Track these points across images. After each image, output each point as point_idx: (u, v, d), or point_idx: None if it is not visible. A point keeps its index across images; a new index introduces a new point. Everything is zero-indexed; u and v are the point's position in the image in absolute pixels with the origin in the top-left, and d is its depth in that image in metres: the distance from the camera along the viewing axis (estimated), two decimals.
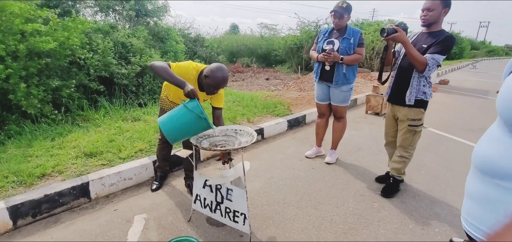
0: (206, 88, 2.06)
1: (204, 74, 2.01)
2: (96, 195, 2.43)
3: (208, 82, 2.00)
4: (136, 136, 3.52)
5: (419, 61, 2.05)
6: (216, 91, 2.06)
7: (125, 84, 5.28)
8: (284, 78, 13.08)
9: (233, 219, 1.92)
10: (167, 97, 2.36)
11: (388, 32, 2.07)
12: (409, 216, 2.24)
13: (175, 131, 1.79)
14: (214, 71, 1.98)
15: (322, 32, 3.02)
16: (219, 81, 1.99)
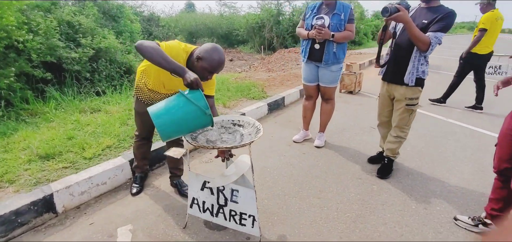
0: (198, 72, 1.70)
1: (197, 56, 1.69)
2: (63, 208, 2.01)
3: (202, 65, 1.69)
4: (99, 130, 3.05)
5: (422, 41, 1.98)
6: (210, 76, 1.76)
7: (77, 70, 4.57)
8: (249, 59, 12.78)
9: (239, 222, 1.71)
10: (146, 85, 1.97)
11: (391, 11, 1.96)
12: (408, 196, 2.25)
13: (172, 126, 1.47)
14: (210, 53, 1.67)
15: (310, 8, 2.83)
16: (215, 65, 1.69)
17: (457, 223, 1.94)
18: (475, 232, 1.86)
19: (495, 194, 1.77)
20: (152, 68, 1.88)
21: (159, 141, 2.81)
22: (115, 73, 5.21)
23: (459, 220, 1.94)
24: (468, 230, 1.89)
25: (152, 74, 1.91)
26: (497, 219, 1.77)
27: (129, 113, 3.56)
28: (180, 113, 1.47)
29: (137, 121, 2.19)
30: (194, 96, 1.48)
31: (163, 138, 1.50)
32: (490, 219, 1.81)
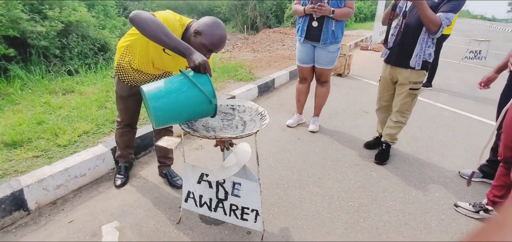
0: (196, 49, 1.45)
1: (196, 30, 1.46)
2: (37, 205, 1.77)
3: (201, 42, 1.45)
4: (74, 114, 2.76)
5: (433, 22, 1.88)
6: (208, 55, 1.52)
7: (44, 46, 4.10)
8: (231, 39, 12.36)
9: (241, 217, 1.57)
10: (130, 65, 1.71)
11: None
12: (408, 183, 2.22)
13: (171, 112, 1.26)
14: (212, 27, 1.44)
15: None
16: (216, 42, 1.46)
17: (457, 210, 1.92)
18: (476, 218, 1.86)
19: (499, 181, 1.75)
20: (138, 43, 1.62)
21: (144, 125, 2.57)
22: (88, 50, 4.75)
23: (459, 207, 1.92)
24: (468, 217, 1.88)
25: (137, 51, 1.65)
26: (499, 206, 1.77)
27: (106, 95, 3.24)
28: (182, 98, 1.25)
29: (119, 105, 1.93)
30: (201, 81, 1.27)
31: (156, 124, 1.28)
32: (491, 205, 1.80)
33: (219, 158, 2.37)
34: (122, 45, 1.70)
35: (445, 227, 1.79)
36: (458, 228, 1.79)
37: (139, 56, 1.66)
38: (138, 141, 2.33)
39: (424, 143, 2.86)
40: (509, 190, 1.71)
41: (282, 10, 13.65)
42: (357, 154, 2.60)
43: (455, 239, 1.70)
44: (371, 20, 18.30)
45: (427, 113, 3.66)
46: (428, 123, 3.35)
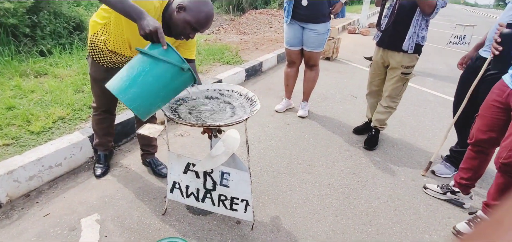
0: (178, 27, 1.33)
1: (179, 5, 1.29)
2: (8, 198, 1.63)
3: (185, 19, 1.29)
4: (48, 98, 2.57)
5: (428, 3, 1.82)
6: (192, 35, 1.37)
7: (12, 24, 3.76)
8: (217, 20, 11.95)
9: (230, 208, 1.51)
10: (105, 45, 1.54)
11: None
12: (396, 168, 2.22)
13: (147, 99, 1.13)
14: (198, 3, 1.29)
15: None
16: (202, 20, 1.31)
17: (426, 192, 1.96)
18: (443, 199, 1.90)
19: (466, 164, 1.78)
20: (113, 22, 1.46)
21: (124, 111, 2.42)
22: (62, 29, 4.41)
23: (428, 189, 1.96)
24: (436, 198, 1.92)
25: (112, 30, 1.49)
26: (464, 188, 1.81)
27: (83, 77, 3.03)
28: (150, 79, 1.11)
29: (94, 90, 1.76)
30: (162, 52, 1.12)
31: (141, 116, 1.16)
32: (458, 187, 1.84)
33: (207, 145, 2.28)
34: (98, 23, 1.52)
35: (432, 212, 1.81)
36: (445, 213, 1.81)
37: (114, 36, 1.50)
38: (119, 127, 2.19)
39: (411, 128, 2.88)
40: (476, 173, 1.74)
41: None
42: (347, 140, 2.57)
43: (442, 224, 1.72)
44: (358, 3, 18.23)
45: (414, 98, 3.69)
46: (415, 108, 3.37)
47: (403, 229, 1.66)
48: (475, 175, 1.76)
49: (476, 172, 1.75)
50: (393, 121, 2.95)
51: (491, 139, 1.62)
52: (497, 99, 1.51)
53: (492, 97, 1.56)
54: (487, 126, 1.60)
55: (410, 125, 2.94)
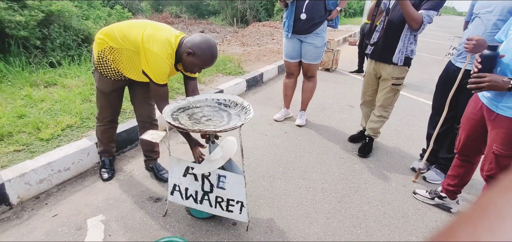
0: (188, 66, 1.59)
1: (189, 50, 1.51)
2: (19, 199, 1.74)
3: (193, 61, 1.54)
4: (57, 107, 2.70)
5: (415, 20, 1.94)
6: (199, 71, 1.65)
7: (24, 36, 3.95)
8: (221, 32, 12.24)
9: (226, 209, 1.60)
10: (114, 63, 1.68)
11: None
12: (388, 175, 2.30)
13: None
14: (203, 49, 1.52)
15: None
16: (208, 60, 1.56)
17: (415, 197, 2.04)
18: (431, 204, 1.99)
19: (453, 171, 1.86)
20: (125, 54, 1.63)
21: (129, 119, 2.55)
22: (71, 41, 4.61)
23: (417, 194, 2.05)
24: (425, 203, 2.00)
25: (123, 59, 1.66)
26: (450, 193, 1.89)
27: (91, 87, 3.18)
28: None
29: (101, 102, 1.88)
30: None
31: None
32: (445, 192, 1.92)
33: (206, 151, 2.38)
34: (106, 42, 1.65)
35: (421, 216, 1.88)
36: (433, 216, 1.89)
37: (127, 63, 1.66)
38: (123, 134, 2.32)
39: (406, 137, 2.97)
40: (462, 180, 1.83)
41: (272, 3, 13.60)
42: (342, 147, 2.67)
43: (429, 227, 1.80)
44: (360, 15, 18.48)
45: (410, 108, 3.78)
46: (410, 117, 3.46)
47: (391, 232, 1.74)
48: (461, 182, 1.84)
49: (462, 179, 1.83)
50: (388, 130, 3.04)
51: (474, 149, 1.70)
52: (473, 111, 1.61)
53: (469, 110, 1.65)
54: (468, 137, 1.68)
55: (404, 134, 3.03)
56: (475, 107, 1.59)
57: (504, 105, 1.37)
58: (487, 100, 1.47)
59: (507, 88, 1.29)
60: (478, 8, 1.88)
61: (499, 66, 1.38)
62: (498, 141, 1.41)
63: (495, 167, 1.45)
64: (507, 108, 1.36)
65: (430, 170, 2.30)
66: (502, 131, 1.38)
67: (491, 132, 1.46)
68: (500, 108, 1.39)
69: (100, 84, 1.80)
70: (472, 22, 1.93)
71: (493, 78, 1.33)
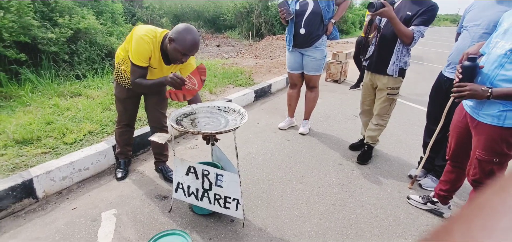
0: (172, 55, 1.70)
1: (169, 37, 1.66)
2: (44, 193, 1.98)
3: (174, 47, 1.65)
4: (80, 115, 2.99)
5: (406, 35, 2.05)
6: (185, 59, 1.72)
7: (54, 52, 4.38)
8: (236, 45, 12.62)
9: (224, 206, 1.76)
10: (126, 72, 1.93)
11: (377, 7, 2.01)
12: (385, 181, 2.37)
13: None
14: (182, 33, 1.63)
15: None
16: (188, 46, 1.64)
17: (409, 202, 2.10)
18: (424, 209, 2.05)
19: (445, 177, 1.92)
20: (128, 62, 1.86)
21: (143, 126, 2.78)
22: (95, 56, 5.03)
23: (411, 199, 2.10)
24: (418, 208, 2.06)
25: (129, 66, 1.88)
26: (442, 198, 1.94)
27: (111, 98, 3.48)
28: None
29: (118, 107, 2.14)
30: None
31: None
32: (437, 197, 1.98)
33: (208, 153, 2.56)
34: (120, 55, 1.92)
35: (412, 220, 1.94)
36: (424, 221, 1.94)
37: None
38: (137, 139, 2.54)
39: (407, 145, 3.01)
40: (453, 186, 1.88)
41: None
42: (342, 155, 2.76)
43: (420, 231, 1.85)
44: None
45: (414, 117, 3.80)
46: (413, 127, 3.49)
47: (381, 233, 1.81)
48: (453, 187, 1.89)
49: (453, 185, 1.88)
50: (391, 138, 3.10)
51: (463, 155, 1.76)
52: (459, 119, 1.69)
53: (456, 118, 1.73)
54: (457, 144, 1.75)
55: (406, 143, 3.07)
56: (460, 115, 1.67)
57: (484, 113, 1.45)
58: (470, 109, 1.55)
59: (486, 96, 1.37)
60: (467, 21, 1.97)
61: (479, 76, 1.47)
62: (480, 147, 1.48)
63: (479, 172, 1.51)
64: (487, 116, 1.44)
65: (427, 177, 2.35)
66: (483, 137, 1.46)
67: (474, 138, 1.54)
68: (481, 116, 1.46)
69: (117, 92, 2.05)
70: (461, 35, 2.02)
71: (473, 87, 1.42)
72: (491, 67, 1.38)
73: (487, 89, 1.36)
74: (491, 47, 1.42)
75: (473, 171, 1.54)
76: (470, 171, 1.57)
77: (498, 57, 1.35)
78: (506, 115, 1.35)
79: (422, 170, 2.38)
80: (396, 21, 2.03)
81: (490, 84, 1.39)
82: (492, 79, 1.38)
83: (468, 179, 1.62)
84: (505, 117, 1.36)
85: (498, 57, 1.35)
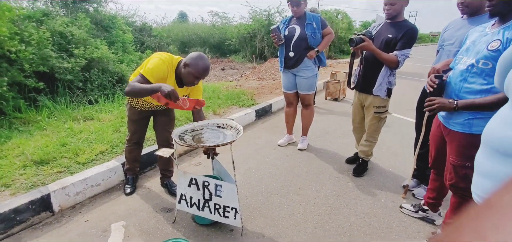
0: (186, 78, 1.94)
1: (184, 62, 1.91)
2: (60, 207, 2.16)
3: (189, 71, 1.90)
4: (92, 137, 3.20)
5: (390, 61, 2.24)
6: (196, 81, 1.96)
7: (69, 80, 4.71)
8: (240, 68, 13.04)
9: (223, 215, 1.89)
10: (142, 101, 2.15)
11: (356, 42, 2.22)
12: (379, 192, 2.47)
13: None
14: (196, 59, 1.89)
15: (282, 21, 3.10)
16: (201, 70, 1.90)
17: (402, 211, 2.19)
18: (416, 217, 2.13)
19: (431, 185, 2.02)
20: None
21: (151, 145, 2.97)
22: (107, 82, 5.35)
23: (404, 208, 2.20)
24: (411, 216, 2.15)
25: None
26: (432, 206, 2.04)
27: (121, 120, 3.71)
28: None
29: (130, 127, 2.35)
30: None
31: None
32: (427, 205, 2.07)
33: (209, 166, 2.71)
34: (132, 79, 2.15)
35: (404, 228, 2.03)
36: (416, 228, 2.02)
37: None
38: (145, 157, 2.73)
39: (402, 158, 3.11)
40: (440, 193, 1.97)
41: None
42: (339, 168, 2.88)
43: (411, 237, 1.94)
44: None
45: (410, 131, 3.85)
46: (409, 140, 3.56)
47: (373, 240, 1.90)
48: (439, 194, 1.99)
49: (439, 192, 1.98)
50: (387, 152, 3.21)
51: (443, 162, 1.87)
52: (435, 129, 1.82)
53: (433, 128, 1.87)
54: (436, 152, 1.87)
55: (402, 156, 3.17)
56: (436, 125, 1.81)
57: (453, 121, 1.59)
58: (442, 119, 1.69)
59: (452, 108, 1.53)
60: (443, 40, 2.14)
61: (448, 89, 1.62)
62: (453, 153, 1.61)
63: (454, 177, 1.63)
64: (456, 124, 1.57)
65: (419, 187, 2.44)
66: (455, 144, 1.59)
67: (448, 146, 1.66)
68: (451, 125, 1.60)
69: (130, 113, 2.27)
70: (438, 53, 2.19)
71: (441, 100, 1.58)
72: (456, 81, 1.54)
73: (453, 101, 1.52)
74: (456, 63, 1.59)
75: (449, 176, 1.65)
76: (447, 176, 1.68)
77: (461, 72, 1.51)
78: (472, 123, 1.49)
79: (416, 180, 2.48)
80: (377, 52, 2.22)
81: (456, 96, 1.54)
82: (458, 92, 1.53)
83: (446, 184, 1.72)
84: (471, 125, 1.49)
85: (461, 72, 1.51)
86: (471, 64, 1.45)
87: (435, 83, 1.62)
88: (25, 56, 4.03)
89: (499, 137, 0.89)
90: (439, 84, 1.62)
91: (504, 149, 0.86)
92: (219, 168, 2.13)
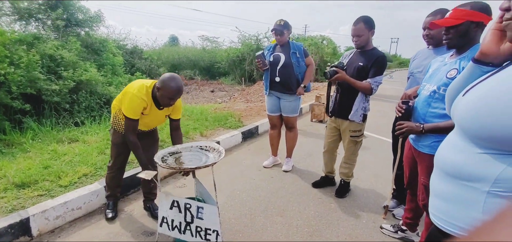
0: (161, 101, 2.00)
1: (157, 86, 1.96)
2: (38, 232, 2.11)
3: (162, 94, 1.95)
4: (76, 159, 3.17)
5: (364, 88, 2.38)
6: (172, 102, 2.01)
7: (56, 101, 4.69)
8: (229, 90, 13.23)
9: (205, 238, 1.90)
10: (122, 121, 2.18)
11: (330, 74, 2.38)
12: (361, 213, 2.52)
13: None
14: (167, 81, 1.93)
15: (267, 48, 3.25)
16: (173, 92, 1.94)
17: (382, 231, 2.24)
18: (396, 237, 2.19)
19: (408, 205, 2.10)
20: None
21: (133, 167, 2.97)
22: (95, 104, 5.34)
23: (384, 228, 2.25)
24: (390, 237, 2.20)
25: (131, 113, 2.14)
26: (410, 226, 2.11)
27: (107, 142, 3.69)
28: None
29: (114, 152, 2.34)
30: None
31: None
32: (405, 226, 2.14)
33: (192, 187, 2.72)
34: (116, 106, 2.18)
35: None
36: None
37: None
38: (127, 180, 2.71)
39: (384, 179, 3.20)
40: (416, 213, 2.04)
41: None
42: (322, 189, 2.93)
43: None
44: None
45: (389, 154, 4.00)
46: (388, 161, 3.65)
47: None
48: (416, 214, 2.06)
49: (416, 212, 2.06)
50: (369, 173, 3.29)
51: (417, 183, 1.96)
52: (408, 151, 1.92)
53: (406, 151, 1.97)
54: (410, 173, 1.96)
55: (384, 177, 3.26)
56: (408, 147, 1.91)
57: (422, 144, 1.69)
58: (412, 141, 1.80)
59: (419, 131, 1.63)
60: (412, 67, 2.30)
61: (415, 113, 1.74)
62: (423, 174, 1.69)
63: (426, 197, 1.70)
64: (424, 146, 1.68)
65: (399, 207, 2.51)
66: (424, 165, 1.68)
67: (418, 167, 1.76)
68: (420, 147, 1.70)
69: (114, 138, 2.28)
70: (409, 79, 2.33)
71: (409, 125, 1.69)
72: (422, 106, 1.66)
73: (420, 125, 1.63)
74: (421, 90, 1.71)
75: (421, 196, 1.73)
76: (419, 197, 1.76)
77: (425, 97, 1.63)
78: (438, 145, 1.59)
79: (395, 201, 2.55)
80: (351, 81, 2.37)
81: (423, 120, 1.65)
82: (424, 116, 1.65)
83: (419, 204, 1.80)
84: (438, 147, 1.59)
85: (425, 98, 1.63)
86: (433, 90, 1.58)
87: (402, 109, 1.74)
88: (13, 79, 4.03)
89: (447, 160, 0.98)
90: (406, 109, 1.73)
91: (452, 172, 0.95)
92: (201, 190, 2.15)
